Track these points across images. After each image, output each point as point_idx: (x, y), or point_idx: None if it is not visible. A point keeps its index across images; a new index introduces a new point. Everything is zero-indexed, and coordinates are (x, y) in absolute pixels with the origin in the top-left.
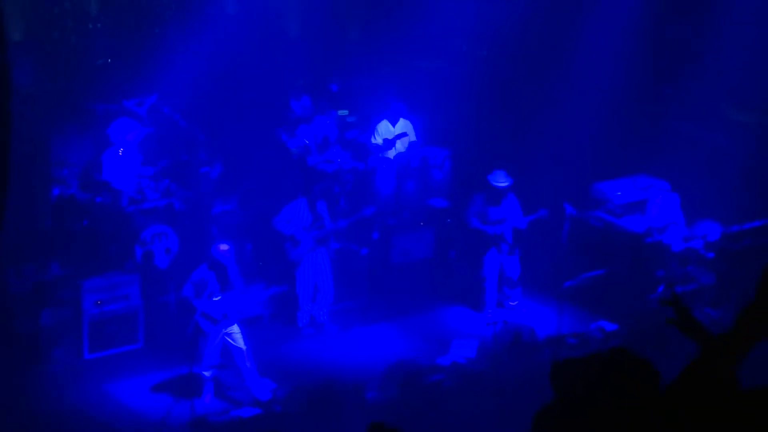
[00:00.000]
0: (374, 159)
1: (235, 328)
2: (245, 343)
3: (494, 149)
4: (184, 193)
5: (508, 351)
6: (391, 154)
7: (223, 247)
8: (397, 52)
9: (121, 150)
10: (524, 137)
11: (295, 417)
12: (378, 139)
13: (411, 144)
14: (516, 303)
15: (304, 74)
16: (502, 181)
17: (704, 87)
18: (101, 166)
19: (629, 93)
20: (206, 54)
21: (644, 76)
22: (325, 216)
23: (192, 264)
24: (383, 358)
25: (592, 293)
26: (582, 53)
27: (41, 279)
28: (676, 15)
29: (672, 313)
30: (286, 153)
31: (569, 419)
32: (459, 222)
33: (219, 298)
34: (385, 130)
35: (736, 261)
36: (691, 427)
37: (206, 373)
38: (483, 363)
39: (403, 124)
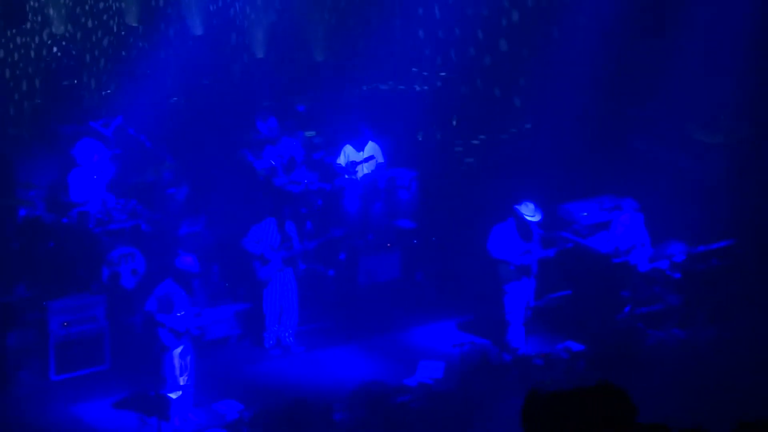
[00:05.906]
0: (341, 180)
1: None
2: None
3: (460, 170)
4: (150, 214)
5: (475, 372)
6: (358, 175)
7: (187, 258)
8: (363, 73)
9: (86, 171)
10: (490, 157)
11: None
12: (342, 160)
13: (378, 165)
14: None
15: (271, 95)
16: (532, 215)
17: (669, 108)
18: (67, 187)
19: (594, 114)
20: (172, 75)
21: (609, 96)
22: (294, 237)
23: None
24: (350, 379)
25: (559, 313)
26: (546, 74)
27: (7, 300)
28: (640, 36)
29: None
30: (252, 174)
31: None
32: (425, 243)
33: (182, 313)
34: (351, 152)
35: (703, 281)
36: None
37: (172, 395)
38: (450, 384)
39: (370, 147)
